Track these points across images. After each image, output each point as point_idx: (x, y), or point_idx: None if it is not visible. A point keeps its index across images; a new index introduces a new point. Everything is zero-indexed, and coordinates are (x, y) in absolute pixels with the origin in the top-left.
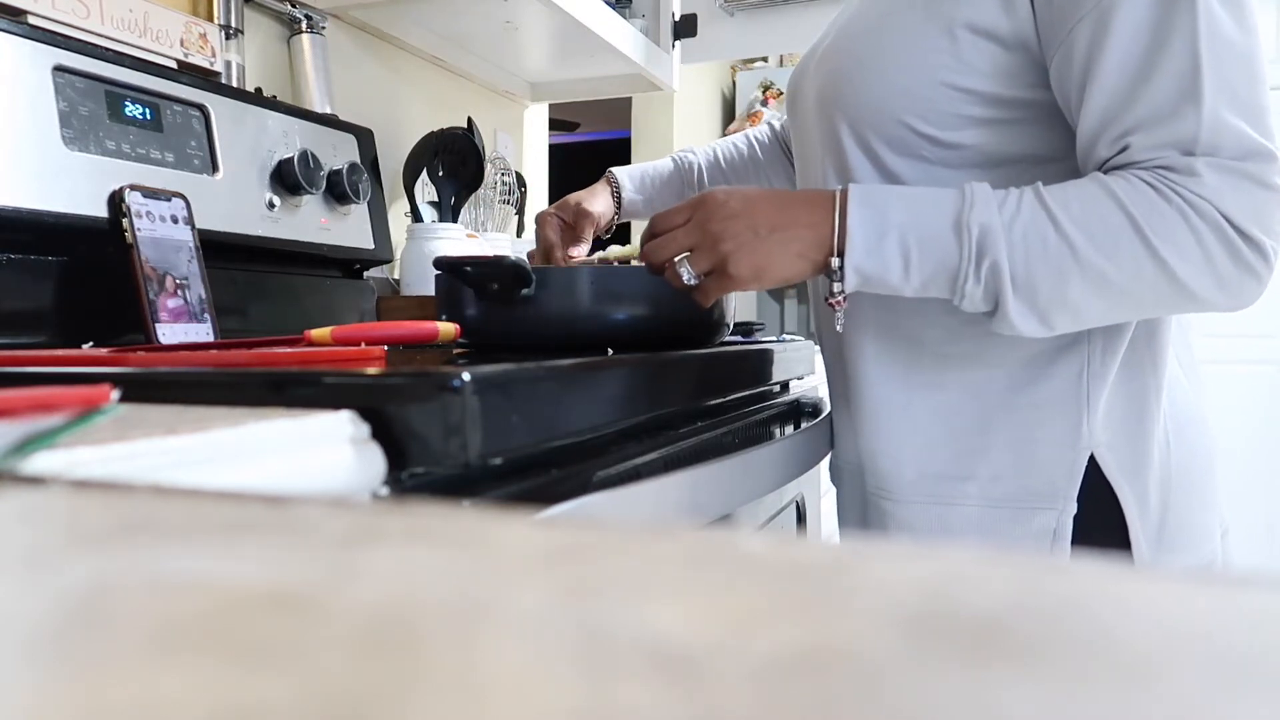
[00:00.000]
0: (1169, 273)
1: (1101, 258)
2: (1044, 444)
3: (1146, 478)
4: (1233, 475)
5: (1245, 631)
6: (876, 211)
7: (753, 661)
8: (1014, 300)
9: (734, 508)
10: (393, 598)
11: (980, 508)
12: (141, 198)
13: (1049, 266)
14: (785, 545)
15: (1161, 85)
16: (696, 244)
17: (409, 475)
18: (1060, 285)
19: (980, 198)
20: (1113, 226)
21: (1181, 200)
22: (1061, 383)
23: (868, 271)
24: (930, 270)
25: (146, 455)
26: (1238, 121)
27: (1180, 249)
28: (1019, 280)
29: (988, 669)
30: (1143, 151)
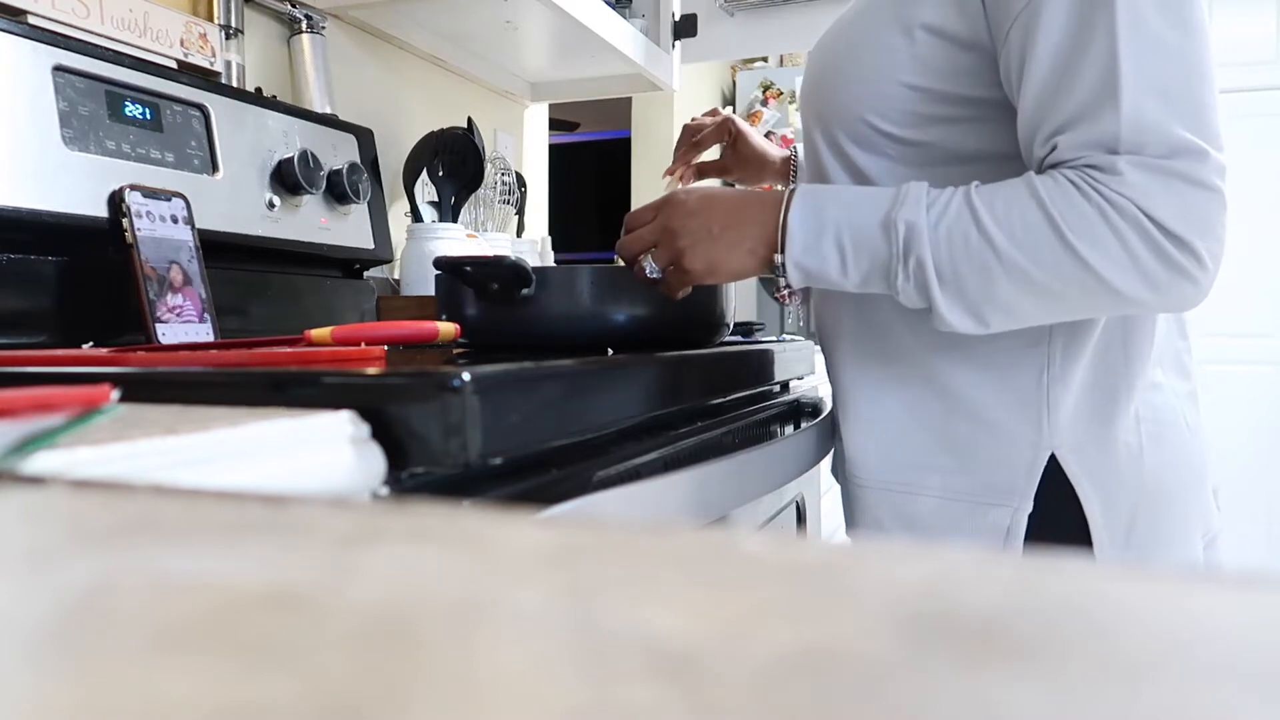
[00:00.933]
0: (1091, 272)
1: (1022, 256)
2: (1003, 442)
3: (1113, 481)
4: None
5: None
6: (815, 211)
7: (753, 661)
8: (943, 296)
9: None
10: (393, 598)
11: (939, 499)
12: (141, 198)
13: (972, 264)
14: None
15: (1083, 84)
16: (658, 240)
17: (409, 475)
18: (986, 283)
19: (911, 197)
20: (1032, 225)
21: (1101, 198)
22: (1022, 382)
23: (807, 267)
24: (866, 266)
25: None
26: (1166, 120)
27: (1100, 248)
28: (945, 277)
29: (986, 669)
30: (1069, 150)
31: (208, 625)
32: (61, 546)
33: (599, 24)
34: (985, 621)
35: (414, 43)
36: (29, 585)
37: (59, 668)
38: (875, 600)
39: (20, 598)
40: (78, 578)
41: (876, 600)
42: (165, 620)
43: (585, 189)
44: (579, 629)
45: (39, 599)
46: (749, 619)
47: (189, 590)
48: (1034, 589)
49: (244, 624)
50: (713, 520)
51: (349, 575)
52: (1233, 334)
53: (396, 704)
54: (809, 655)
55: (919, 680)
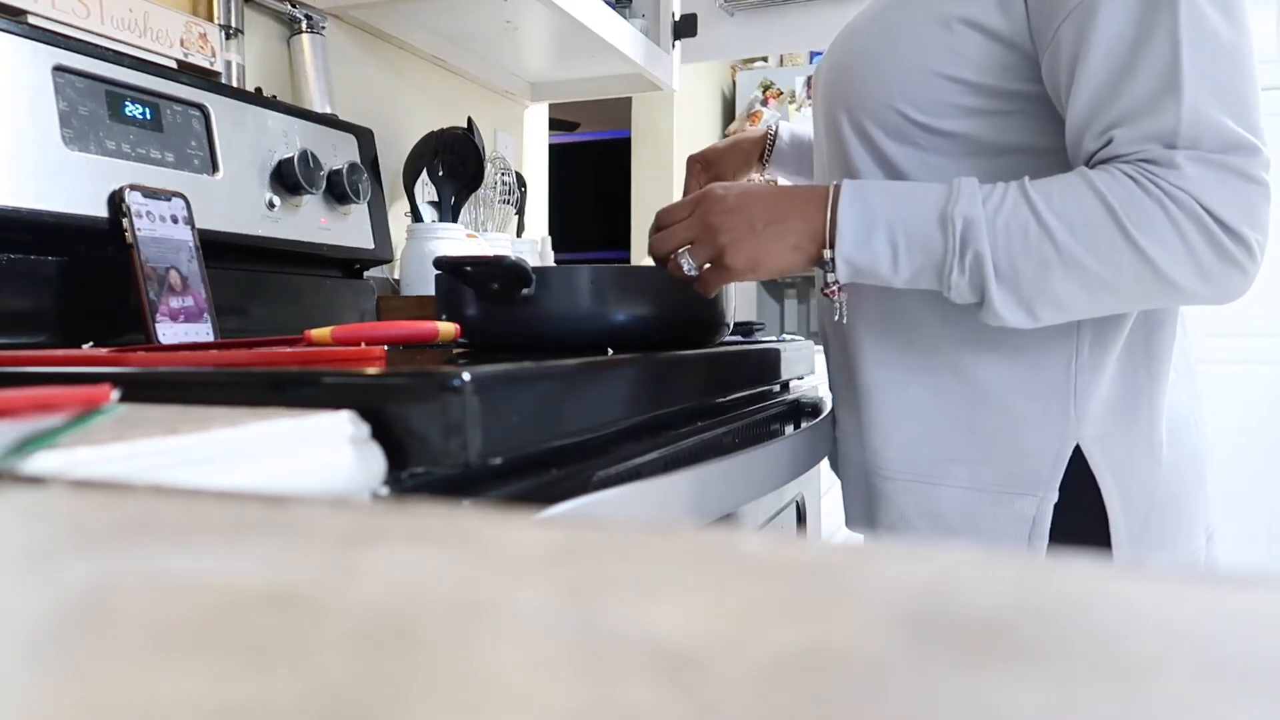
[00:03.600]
0: (1149, 263)
1: (1082, 249)
2: (1030, 432)
3: (1134, 474)
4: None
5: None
6: (866, 205)
7: (753, 661)
8: (998, 290)
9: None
10: (393, 598)
11: (964, 490)
12: (141, 197)
13: (1031, 257)
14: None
15: (1142, 79)
16: (697, 237)
17: (409, 475)
18: (1043, 276)
19: (965, 191)
20: (1093, 218)
21: (1161, 192)
22: (1050, 372)
23: (858, 263)
24: (918, 262)
25: (146, 455)
26: (1220, 115)
27: (1160, 240)
28: (1002, 271)
29: (987, 669)
30: (1126, 145)
31: (208, 625)
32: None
33: (599, 24)
34: (986, 621)
35: (414, 43)
36: (29, 585)
37: (59, 668)
38: (875, 600)
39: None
40: (78, 578)
41: (877, 600)
42: (165, 620)
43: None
44: (579, 629)
45: (39, 599)
46: (749, 619)
47: (189, 590)
48: (1034, 589)
49: (244, 624)
50: (713, 520)
51: (349, 575)
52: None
53: (396, 704)
54: (809, 655)
55: (919, 680)
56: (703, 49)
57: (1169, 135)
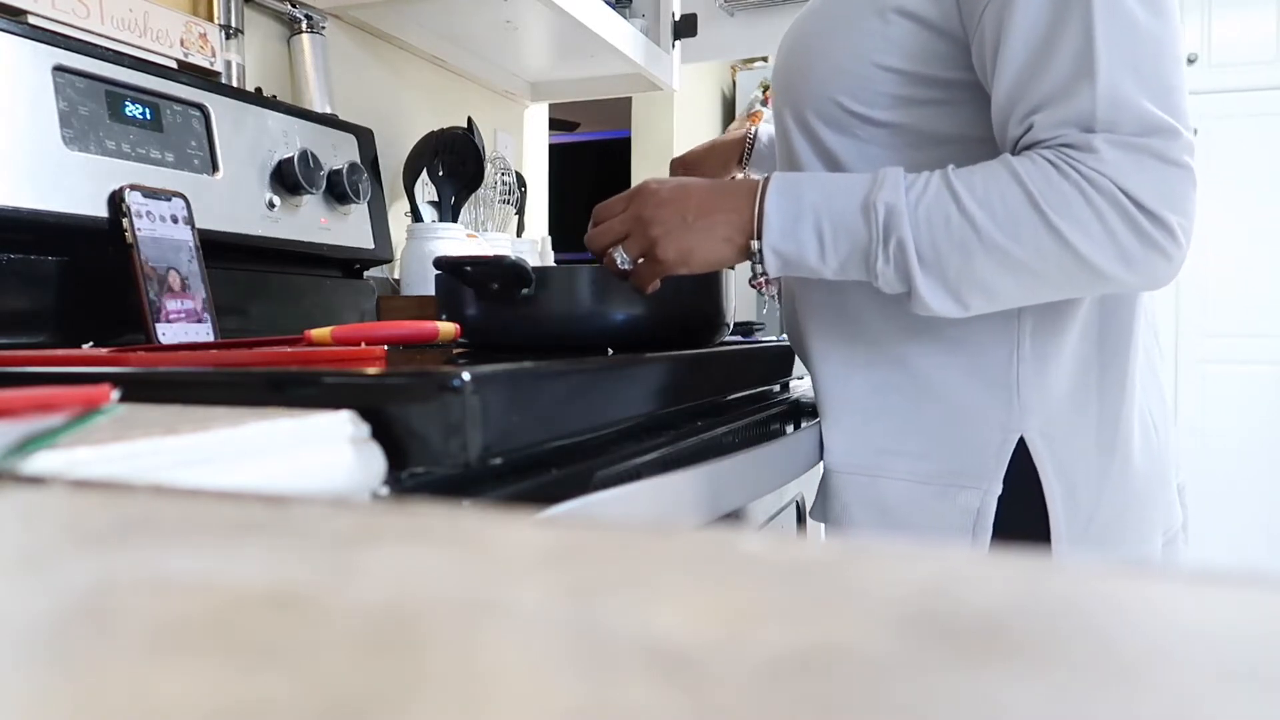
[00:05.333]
0: (1070, 248)
1: (1003, 235)
2: (973, 424)
3: (1080, 469)
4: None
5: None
6: (792, 197)
7: (753, 661)
8: (923, 277)
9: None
10: (393, 598)
11: (908, 483)
12: (141, 197)
13: (953, 244)
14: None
15: (1059, 64)
16: (630, 231)
17: (409, 475)
18: (966, 263)
19: (889, 180)
20: (1012, 203)
21: (1079, 176)
22: (992, 365)
23: (785, 253)
24: (845, 251)
25: (146, 455)
26: (1138, 98)
27: (1080, 224)
28: (926, 258)
29: (987, 669)
30: (1045, 130)
31: (208, 625)
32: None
33: (599, 24)
34: (986, 621)
35: (414, 43)
36: (28, 585)
37: (58, 668)
38: (875, 600)
39: (20, 598)
40: (77, 578)
41: (876, 600)
42: (165, 620)
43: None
44: (579, 629)
45: (38, 599)
46: (749, 619)
47: (189, 590)
48: (1034, 589)
49: (244, 624)
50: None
51: (349, 575)
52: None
53: (396, 704)
54: (809, 655)
55: (919, 680)
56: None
57: (1086, 119)
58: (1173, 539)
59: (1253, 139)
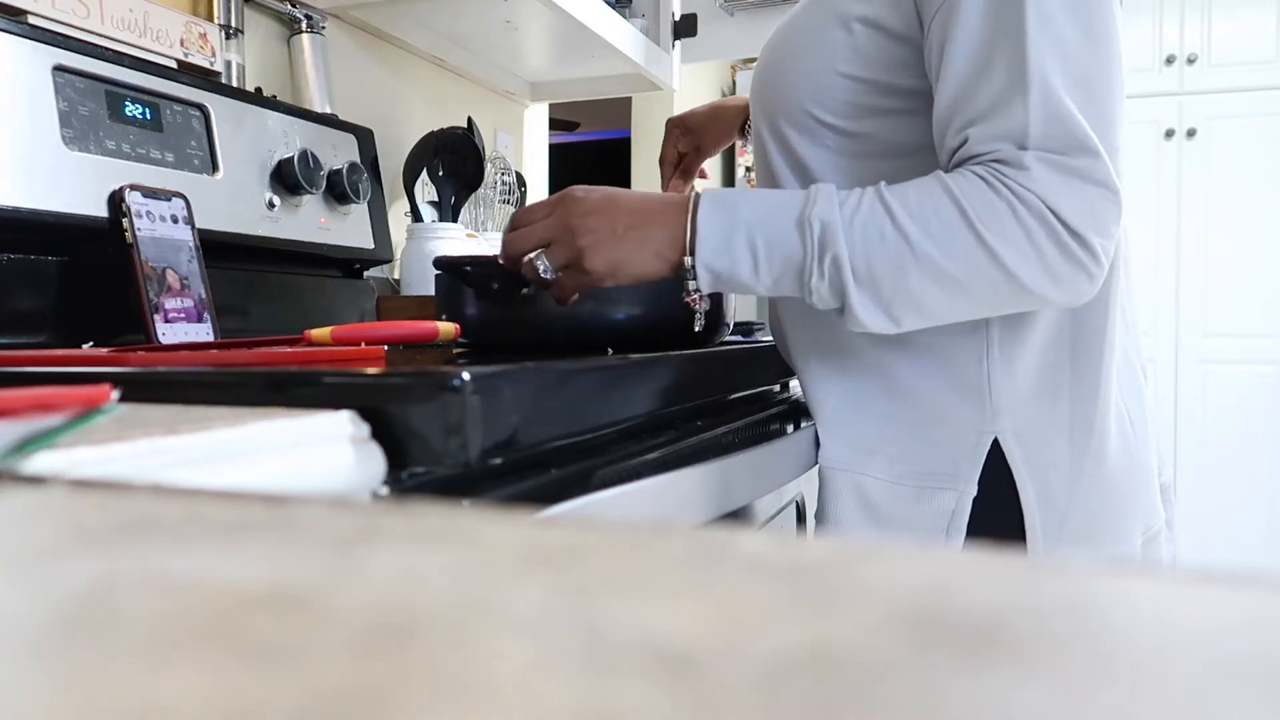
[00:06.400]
0: (1000, 265)
1: (936, 250)
2: (947, 426)
3: (1054, 469)
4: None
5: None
6: (725, 211)
7: (753, 661)
8: (857, 293)
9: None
10: (393, 598)
11: (887, 483)
12: (141, 197)
13: (887, 260)
14: (785, 545)
15: (995, 77)
16: (555, 238)
17: (409, 475)
18: (900, 278)
19: (823, 195)
20: (947, 219)
21: (1010, 194)
22: (963, 367)
23: (718, 269)
24: (779, 268)
25: (146, 455)
26: (1067, 117)
27: (1010, 241)
28: (860, 274)
29: (988, 669)
30: (980, 144)
31: (208, 625)
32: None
33: (599, 24)
34: (986, 622)
35: (414, 43)
36: (29, 585)
37: (59, 668)
38: (876, 600)
39: (20, 598)
40: (78, 578)
41: (877, 600)
42: (165, 620)
43: None
44: (579, 629)
45: (39, 599)
46: (749, 619)
47: (189, 590)
48: (1035, 589)
49: (244, 624)
50: (713, 520)
51: (349, 575)
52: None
53: (397, 704)
54: (809, 655)
55: (920, 680)
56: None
57: (1019, 135)
58: (1154, 537)
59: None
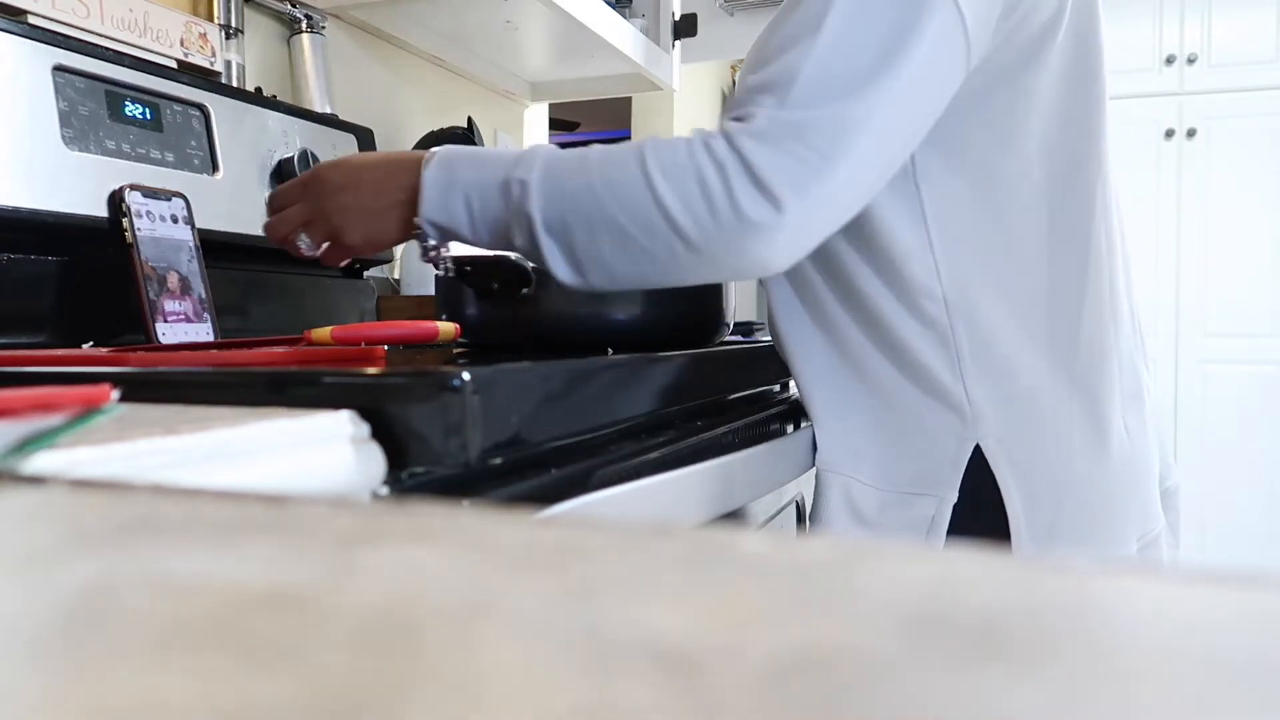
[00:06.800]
0: (661, 208)
1: (611, 196)
2: (929, 432)
3: (1039, 473)
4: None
5: (1245, 631)
6: (447, 169)
7: (753, 661)
8: (549, 250)
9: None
10: (393, 598)
11: (872, 487)
12: (141, 197)
13: (578, 218)
14: (785, 545)
15: (776, 38)
16: (311, 219)
17: (409, 475)
18: (588, 237)
19: (538, 155)
20: (626, 165)
21: (701, 142)
22: (937, 374)
23: (440, 223)
24: (490, 223)
25: (146, 455)
26: (806, 82)
27: (674, 179)
28: (554, 231)
29: (987, 669)
30: (739, 91)
31: (208, 625)
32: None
33: (599, 24)
34: (985, 621)
35: (414, 43)
36: (29, 585)
37: (59, 668)
38: (875, 600)
39: (20, 598)
40: (78, 578)
41: (877, 600)
42: (165, 620)
43: None
44: (579, 629)
45: (39, 599)
46: (749, 619)
47: (189, 590)
48: (1034, 589)
49: (244, 624)
50: (713, 519)
51: (349, 575)
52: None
53: (397, 704)
54: (809, 655)
55: (919, 680)
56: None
57: (758, 88)
58: (1152, 543)
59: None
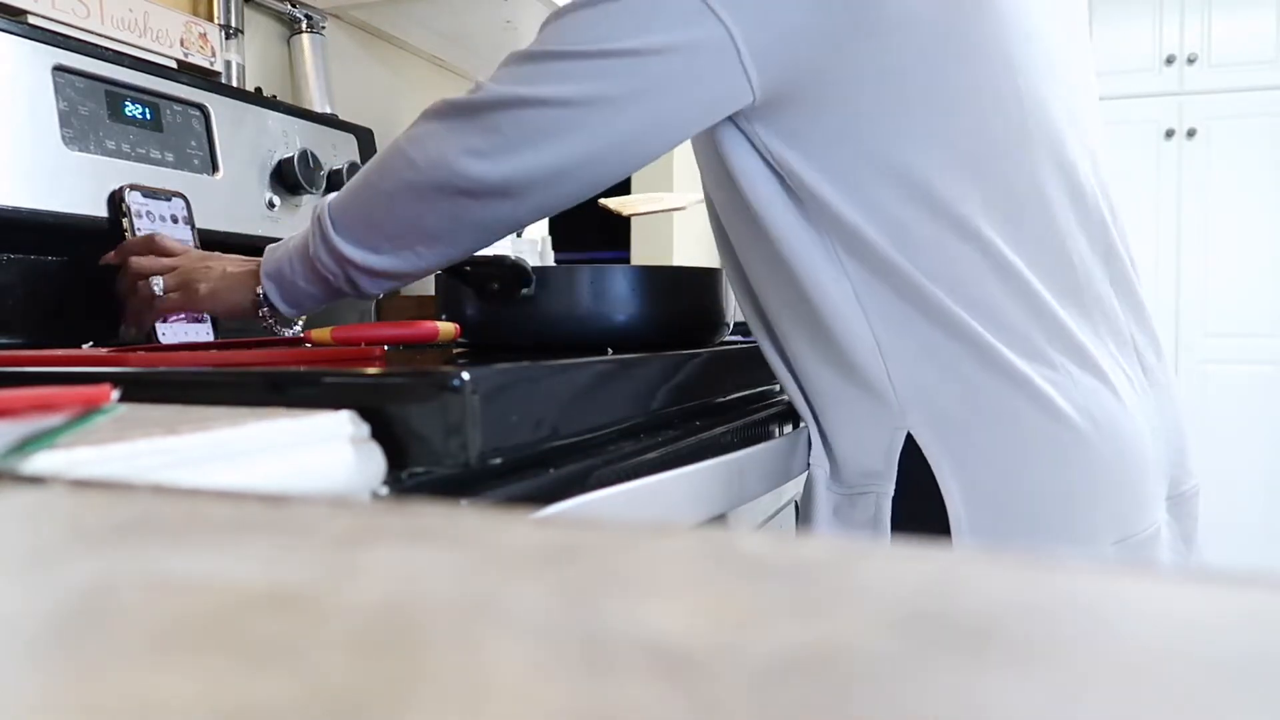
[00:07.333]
0: (402, 153)
1: (385, 180)
2: (862, 426)
3: (979, 460)
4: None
5: (1245, 631)
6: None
7: (753, 661)
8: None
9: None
10: (393, 598)
11: (830, 484)
12: (141, 197)
13: (359, 206)
14: (785, 545)
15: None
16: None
17: (409, 475)
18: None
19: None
20: (389, 151)
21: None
22: (863, 366)
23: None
24: (301, 261)
25: (146, 455)
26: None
27: (418, 130)
28: (339, 225)
29: (986, 668)
30: None
31: (208, 625)
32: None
33: None
34: (985, 621)
35: (414, 43)
36: (29, 585)
37: (59, 668)
38: (875, 599)
39: (20, 597)
40: (78, 578)
41: (876, 599)
42: (165, 620)
43: None
44: (579, 628)
45: (39, 599)
46: (749, 619)
47: (189, 590)
48: (1034, 588)
49: (244, 624)
50: (712, 519)
51: (349, 575)
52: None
53: (396, 704)
54: (809, 655)
55: (919, 679)
56: None
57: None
58: (1141, 544)
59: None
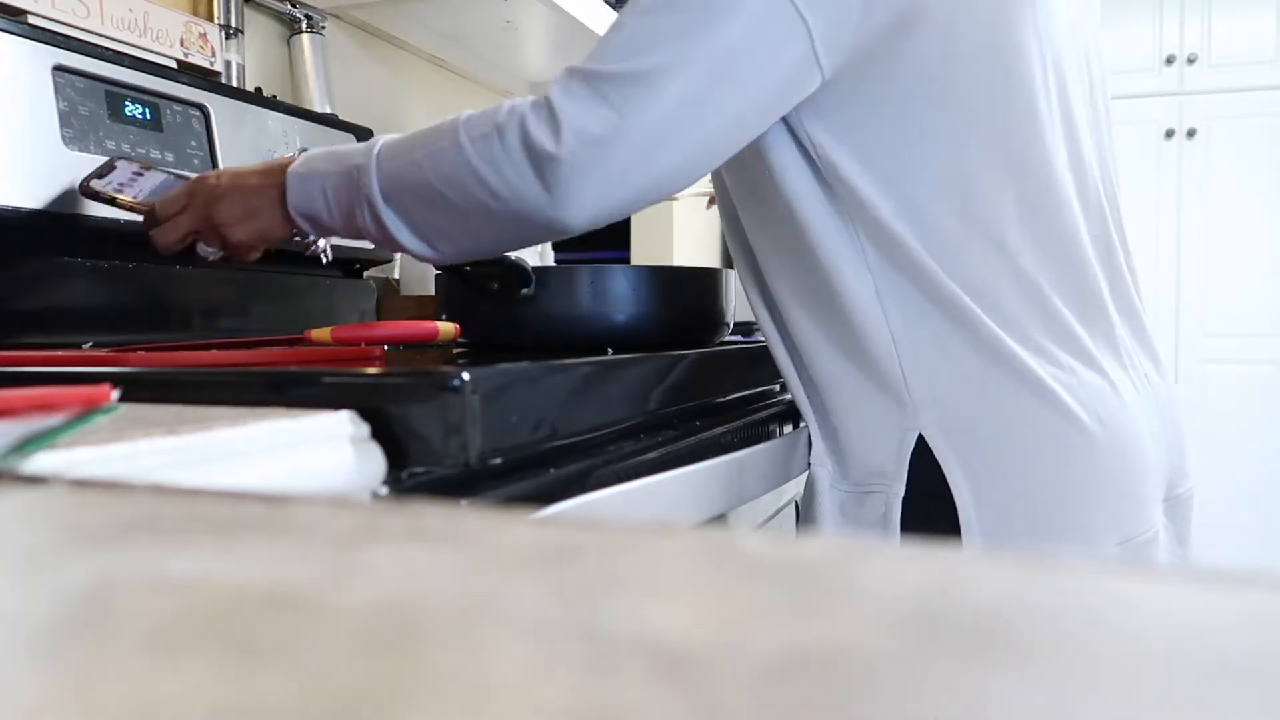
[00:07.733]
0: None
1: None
2: (872, 426)
3: (988, 463)
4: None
5: (1245, 631)
6: (307, 166)
7: (753, 661)
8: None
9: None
10: (393, 597)
11: (836, 483)
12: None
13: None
14: (785, 545)
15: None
16: (199, 228)
17: (409, 475)
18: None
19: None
20: (445, 144)
21: (509, 106)
22: (878, 364)
23: (306, 212)
24: (343, 208)
25: (146, 455)
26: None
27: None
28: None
29: (986, 668)
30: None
31: (208, 625)
32: (61, 547)
33: (599, 24)
34: (985, 621)
35: (414, 43)
36: (29, 585)
37: (59, 667)
38: (875, 599)
39: (20, 597)
40: (78, 578)
41: (876, 599)
42: (165, 620)
43: None
44: (579, 629)
45: (39, 598)
46: (749, 619)
47: (189, 590)
48: (1034, 588)
49: (244, 624)
50: (712, 519)
51: (349, 575)
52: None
53: (396, 704)
54: (809, 655)
55: (919, 679)
56: None
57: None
58: (1143, 545)
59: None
